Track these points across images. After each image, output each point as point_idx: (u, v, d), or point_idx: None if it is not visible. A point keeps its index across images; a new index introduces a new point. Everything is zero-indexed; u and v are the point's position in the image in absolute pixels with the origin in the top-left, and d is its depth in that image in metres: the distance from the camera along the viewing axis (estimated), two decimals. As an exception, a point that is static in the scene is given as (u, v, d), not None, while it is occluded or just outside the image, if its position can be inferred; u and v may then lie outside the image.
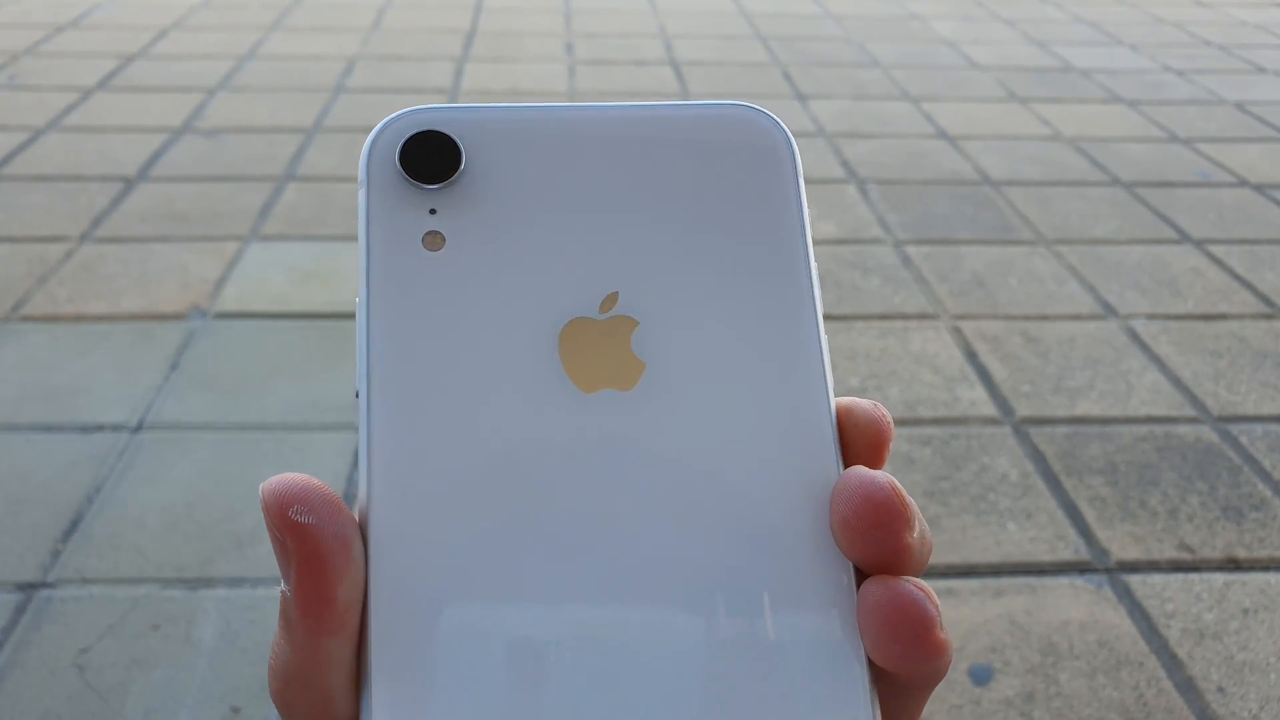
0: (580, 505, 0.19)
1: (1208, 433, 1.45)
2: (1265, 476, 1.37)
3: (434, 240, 0.20)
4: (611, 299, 0.20)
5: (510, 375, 0.20)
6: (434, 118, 0.21)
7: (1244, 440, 1.44)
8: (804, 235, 0.22)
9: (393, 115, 0.21)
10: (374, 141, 0.21)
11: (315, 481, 0.18)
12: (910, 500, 0.19)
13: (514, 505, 0.19)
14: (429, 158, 0.21)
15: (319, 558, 0.18)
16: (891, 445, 0.21)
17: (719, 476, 0.19)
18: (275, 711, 1.00)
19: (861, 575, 0.19)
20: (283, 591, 0.19)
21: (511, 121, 0.21)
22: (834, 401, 0.20)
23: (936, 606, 0.18)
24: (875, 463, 0.21)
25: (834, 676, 0.18)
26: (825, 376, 0.20)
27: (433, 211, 0.20)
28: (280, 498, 0.18)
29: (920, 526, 0.19)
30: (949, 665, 0.19)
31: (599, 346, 0.20)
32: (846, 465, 0.20)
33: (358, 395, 0.20)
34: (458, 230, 0.20)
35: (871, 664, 0.19)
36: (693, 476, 0.19)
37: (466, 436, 0.19)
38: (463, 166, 0.21)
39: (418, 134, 0.21)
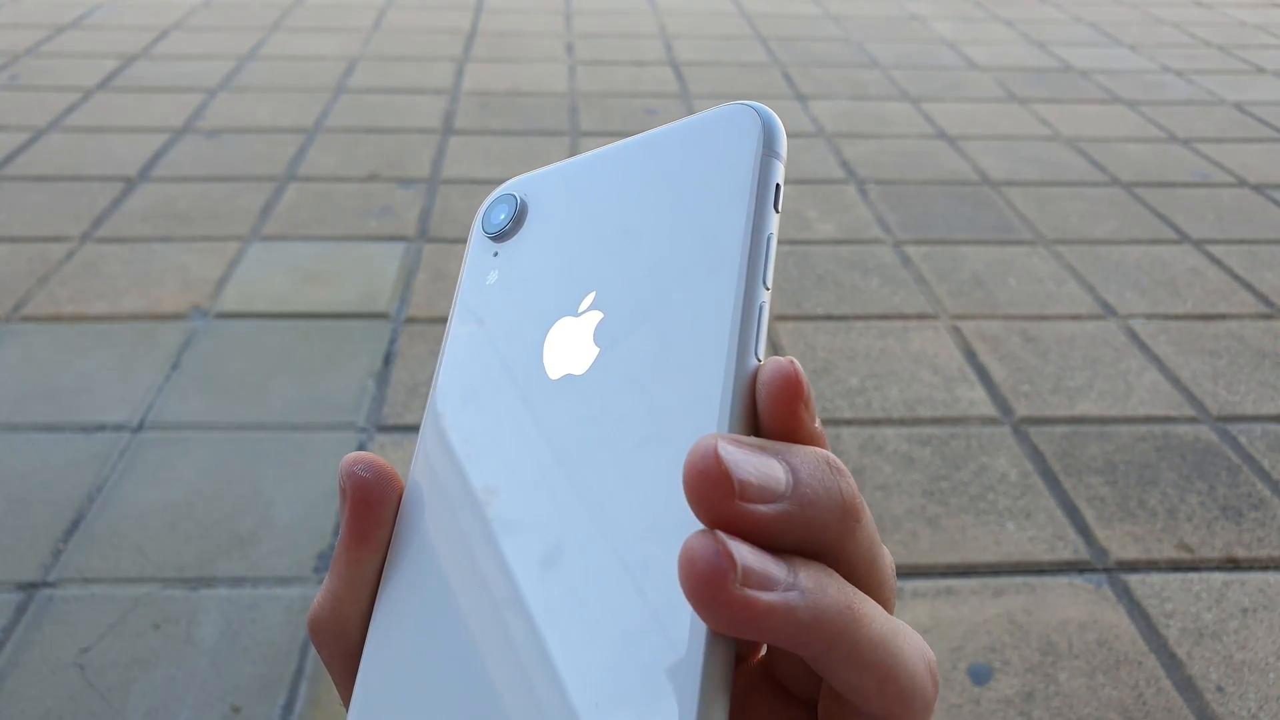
0: (533, 470, 0.22)
1: (1207, 432, 1.45)
2: (1264, 476, 1.37)
3: (492, 275, 0.26)
4: (589, 299, 0.24)
5: (509, 368, 0.24)
6: (515, 183, 0.27)
7: (1243, 440, 1.44)
8: (744, 213, 0.22)
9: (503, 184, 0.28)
10: (480, 209, 0.28)
11: (383, 460, 0.23)
12: (746, 464, 0.18)
13: (489, 474, 0.23)
14: (499, 214, 0.27)
15: (366, 504, 0.23)
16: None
17: (622, 450, 0.21)
18: (274, 712, 1.00)
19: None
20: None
21: (561, 173, 0.27)
22: (748, 368, 0.21)
23: (734, 560, 0.17)
24: (788, 418, 0.20)
25: (675, 640, 0.19)
26: (730, 346, 0.21)
27: (495, 255, 0.26)
28: (352, 459, 0.23)
29: (784, 493, 0.19)
30: (812, 638, 0.18)
31: (571, 339, 0.23)
32: (758, 423, 0.21)
33: None
34: (505, 267, 0.26)
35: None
36: (610, 446, 0.22)
37: (470, 421, 0.24)
38: (515, 216, 0.27)
39: (496, 197, 0.27)
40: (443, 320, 1.66)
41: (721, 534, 0.18)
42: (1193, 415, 1.49)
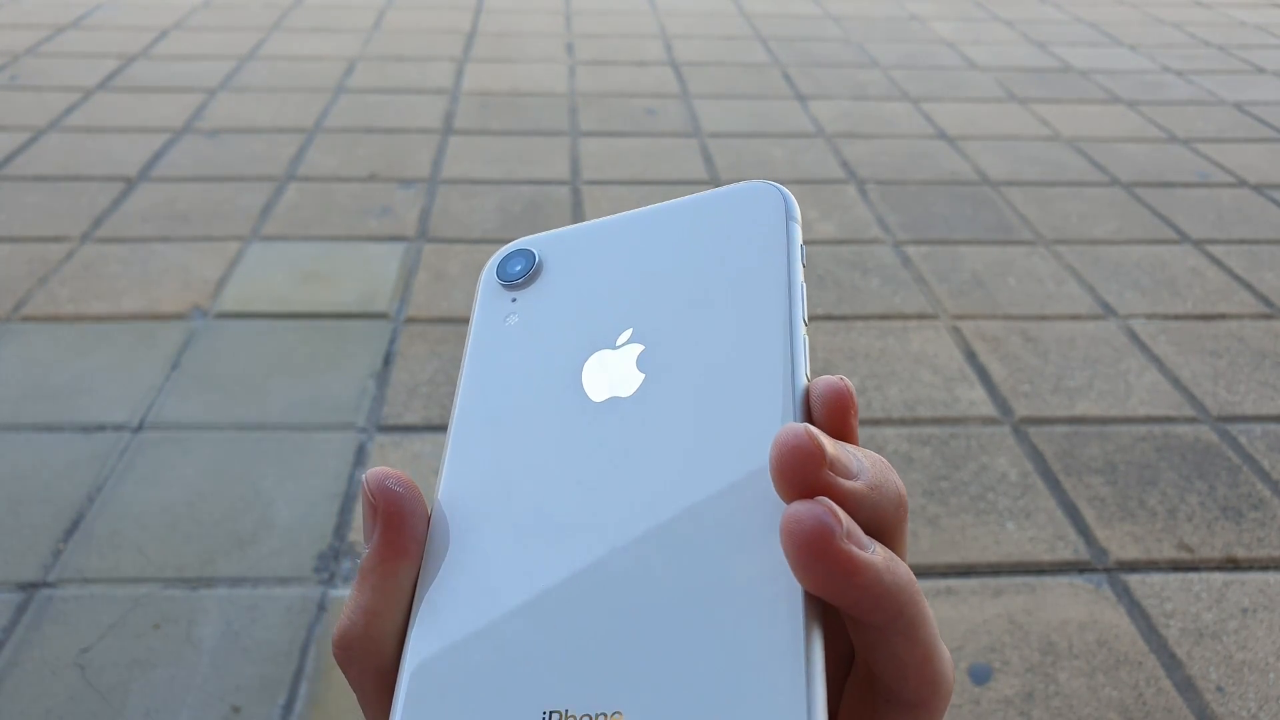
0: (575, 486, 0.23)
1: (1207, 433, 1.45)
2: (1264, 476, 1.37)
3: (512, 319, 0.28)
4: (626, 335, 0.26)
5: (544, 394, 0.25)
6: (527, 240, 0.30)
7: (1243, 440, 1.44)
8: (783, 262, 0.26)
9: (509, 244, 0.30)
10: (490, 262, 0.29)
11: (403, 472, 0.24)
12: (830, 444, 0.20)
13: (526, 483, 0.24)
14: (514, 266, 0.29)
15: (400, 515, 0.23)
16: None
17: (688, 458, 0.23)
18: (275, 712, 1.00)
19: None
20: (362, 558, 0.23)
21: (576, 234, 0.29)
22: (800, 385, 0.23)
23: (839, 518, 0.19)
24: (841, 425, 0.23)
25: (768, 611, 0.20)
26: (786, 365, 0.24)
27: (513, 300, 0.28)
28: (380, 473, 0.23)
29: (859, 474, 0.21)
30: (889, 602, 0.20)
31: (612, 367, 0.25)
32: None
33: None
34: (526, 311, 0.28)
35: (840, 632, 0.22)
36: (666, 459, 0.23)
37: (508, 443, 0.25)
38: (533, 269, 0.28)
39: (510, 252, 0.29)
40: (443, 320, 1.66)
41: (826, 500, 0.20)
42: (1193, 415, 1.49)
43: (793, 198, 0.27)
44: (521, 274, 0.28)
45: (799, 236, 0.27)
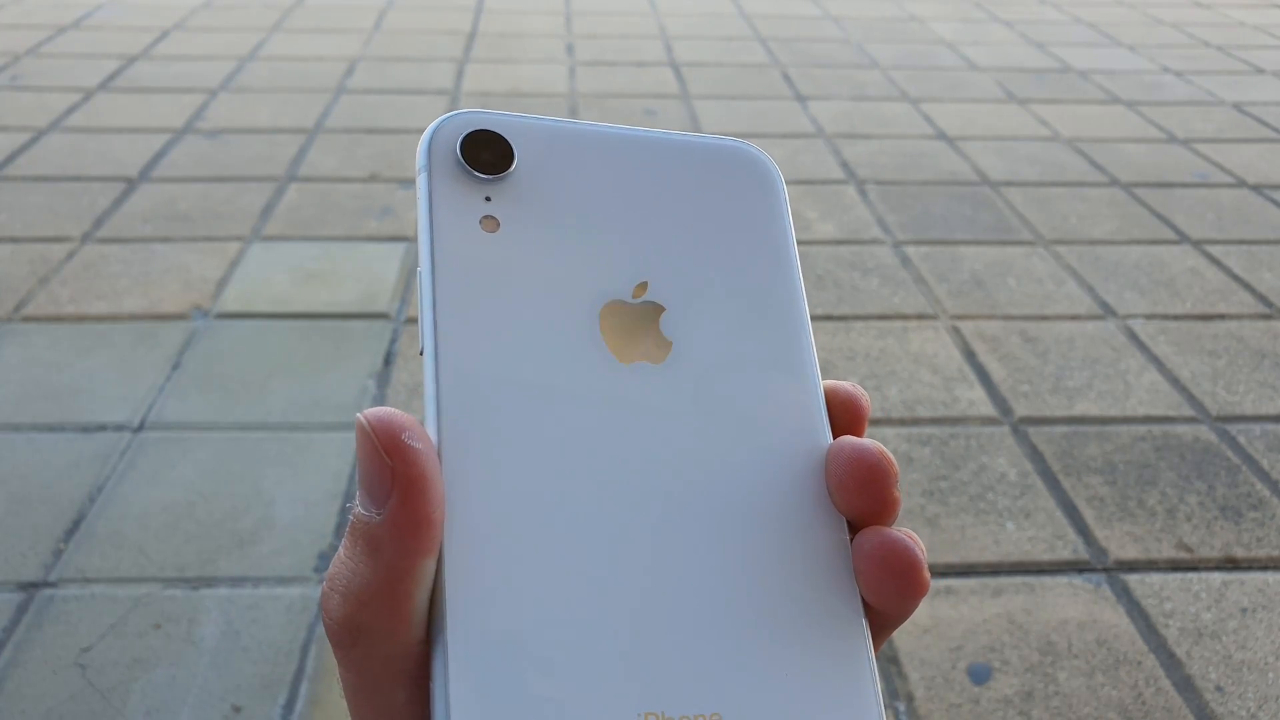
0: (616, 457, 0.22)
1: (1206, 432, 1.46)
2: (1263, 476, 1.37)
3: (490, 224, 0.23)
4: (642, 287, 0.24)
5: (557, 341, 0.23)
6: (488, 120, 0.24)
7: (1242, 440, 1.44)
8: (793, 248, 0.26)
9: (449, 114, 0.24)
10: (434, 132, 0.24)
11: (409, 416, 0.20)
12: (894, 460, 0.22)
13: (561, 448, 0.21)
14: (485, 153, 0.24)
15: (425, 480, 0.19)
16: (890, 445, 0.24)
17: (730, 442, 0.23)
18: (275, 711, 1.00)
19: (851, 528, 0.23)
20: (360, 517, 0.20)
21: (556, 133, 0.25)
22: (819, 380, 0.24)
23: (923, 550, 0.21)
24: (856, 433, 0.24)
25: (834, 613, 0.21)
26: (813, 363, 0.24)
27: (488, 199, 0.23)
28: (388, 423, 0.20)
29: None
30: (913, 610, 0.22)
31: (633, 325, 0.23)
32: (833, 436, 0.24)
33: (422, 353, 0.22)
34: (511, 218, 0.23)
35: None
36: (709, 440, 0.23)
37: (520, 388, 0.22)
38: (515, 164, 0.24)
39: (475, 131, 0.24)
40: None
41: (905, 529, 0.22)
42: (1192, 415, 1.49)
43: (779, 171, 0.26)
44: (499, 167, 0.23)
45: (790, 217, 0.26)
